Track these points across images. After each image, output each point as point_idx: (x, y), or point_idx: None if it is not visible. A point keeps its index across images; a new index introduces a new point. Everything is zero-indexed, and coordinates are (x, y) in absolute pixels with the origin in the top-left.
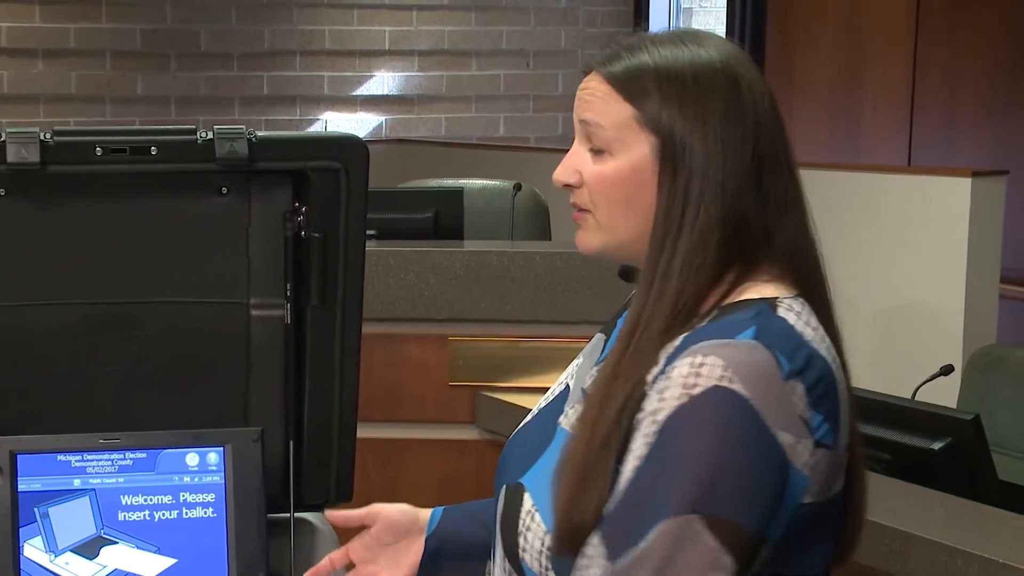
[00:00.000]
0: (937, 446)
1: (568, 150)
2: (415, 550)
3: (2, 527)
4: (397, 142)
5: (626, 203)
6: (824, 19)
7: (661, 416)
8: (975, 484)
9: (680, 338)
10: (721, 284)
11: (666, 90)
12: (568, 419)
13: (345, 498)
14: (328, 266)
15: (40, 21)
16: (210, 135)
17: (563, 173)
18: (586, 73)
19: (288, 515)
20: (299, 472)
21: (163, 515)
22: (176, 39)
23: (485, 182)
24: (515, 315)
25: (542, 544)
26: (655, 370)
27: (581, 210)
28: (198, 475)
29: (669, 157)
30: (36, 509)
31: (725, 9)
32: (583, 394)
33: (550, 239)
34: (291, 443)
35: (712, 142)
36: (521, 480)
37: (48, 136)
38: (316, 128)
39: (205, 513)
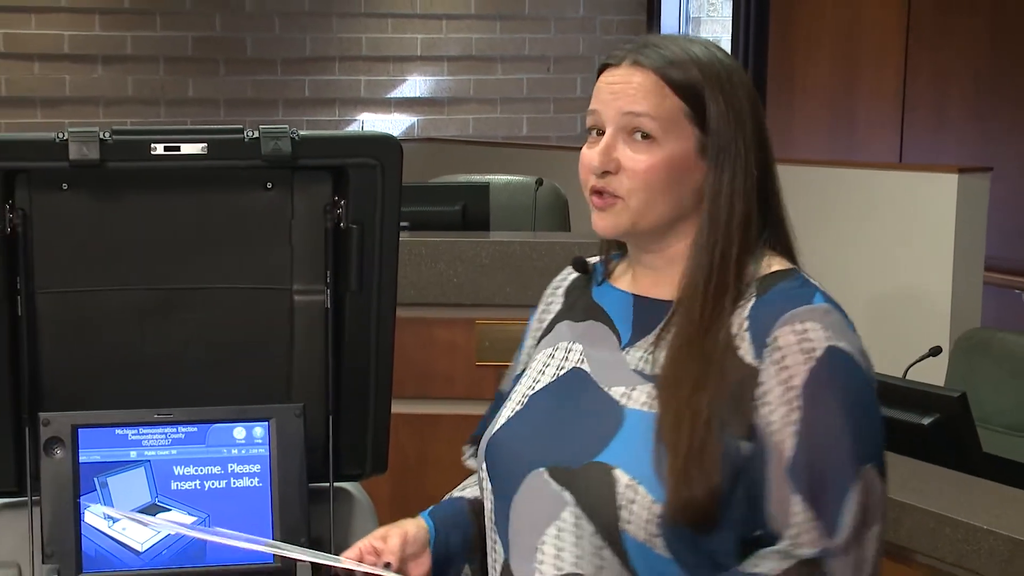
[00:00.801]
0: (927, 421)
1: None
2: (425, 561)
3: (65, 495)
4: (428, 141)
5: (663, 191)
6: (822, 27)
7: (796, 382)
8: (962, 456)
9: (748, 308)
10: (752, 260)
11: (712, 88)
12: (635, 400)
13: (380, 469)
14: (365, 255)
15: (99, 30)
16: (256, 134)
17: (603, 161)
18: (611, 66)
19: (328, 484)
20: (338, 445)
21: (212, 484)
22: (224, 46)
23: (509, 178)
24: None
25: (650, 513)
26: (742, 343)
27: (610, 195)
28: (245, 447)
29: (714, 150)
30: (96, 479)
31: (731, 18)
32: (642, 377)
33: (569, 230)
34: (330, 418)
35: (747, 138)
36: (599, 459)
37: (107, 135)
38: (353, 128)
39: (251, 483)
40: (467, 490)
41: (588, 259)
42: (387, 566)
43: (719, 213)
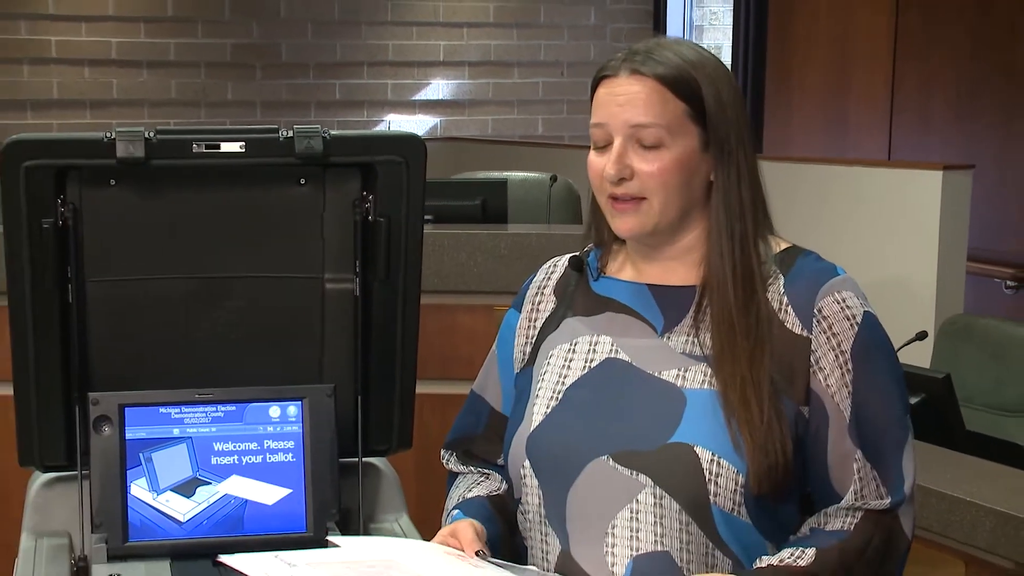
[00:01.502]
0: (913, 401)
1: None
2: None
3: (112, 469)
4: (450, 140)
5: (679, 188)
6: (817, 36)
7: (846, 346)
8: (946, 434)
9: (780, 284)
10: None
11: (706, 86)
12: (691, 381)
13: (406, 445)
14: (392, 246)
15: (144, 37)
16: (290, 134)
17: (619, 170)
18: (608, 77)
19: (356, 459)
20: (366, 422)
21: (249, 459)
22: (261, 52)
23: (526, 174)
24: None
25: (736, 484)
26: (787, 316)
27: (632, 199)
28: (279, 425)
29: (716, 144)
30: (141, 454)
31: (731, 26)
32: (692, 359)
33: (581, 223)
34: (359, 397)
35: (742, 129)
36: (675, 440)
37: (152, 135)
38: (381, 128)
39: (285, 458)
40: (474, 491)
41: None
42: (478, 554)
43: (731, 200)
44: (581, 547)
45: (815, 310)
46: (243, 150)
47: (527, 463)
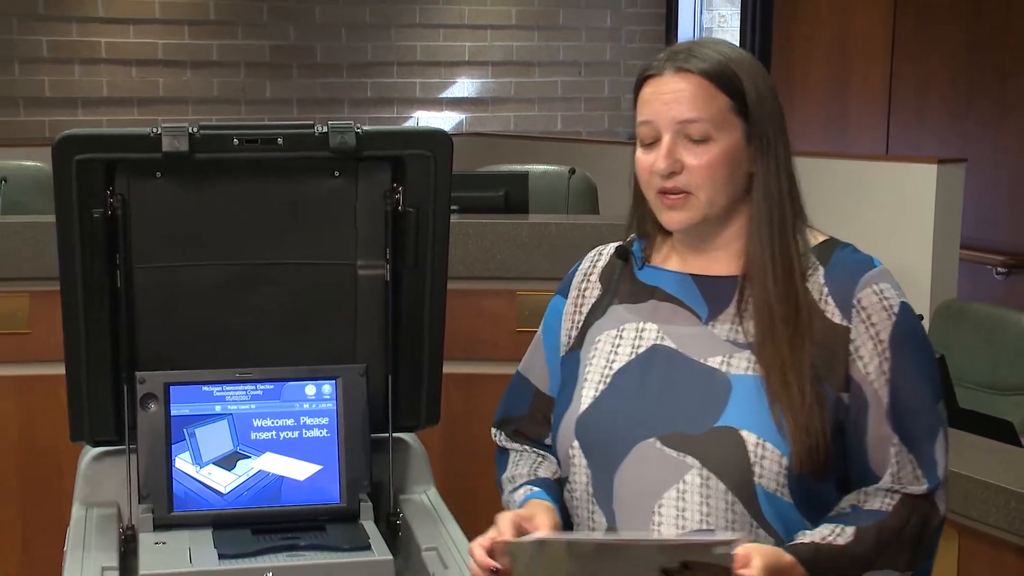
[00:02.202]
0: None
1: (611, 142)
2: None
3: (158, 444)
4: (474, 135)
5: (725, 181)
6: (818, 38)
7: (884, 336)
8: None
9: (820, 276)
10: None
11: (748, 81)
12: (735, 367)
13: (433, 421)
14: (420, 235)
15: (189, 39)
16: (325, 129)
17: (669, 164)
18: (654, 76)
19: (387, 435)
20: (396, 400)
21: (286, 435)
22: (298, 53)
23: (545, 167)
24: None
25: (779, 466)
26: (827, 306)
27: (680, 193)
28: (315, 402)
29: (757, 136)
30: (185, 430)
31: (739, 28)
32: (736, 346)
33: (598, 213)
34: (389, 377)
35: (779, 121)
36: (721, 424)
37: (195, 130)
38: (410, 124)
39: (320, 433)
40: (540, 471)
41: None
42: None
43: (771, 190)
44: (628, 525)
45: (855, 301)
46: (281, 144)
47: (576, 444)
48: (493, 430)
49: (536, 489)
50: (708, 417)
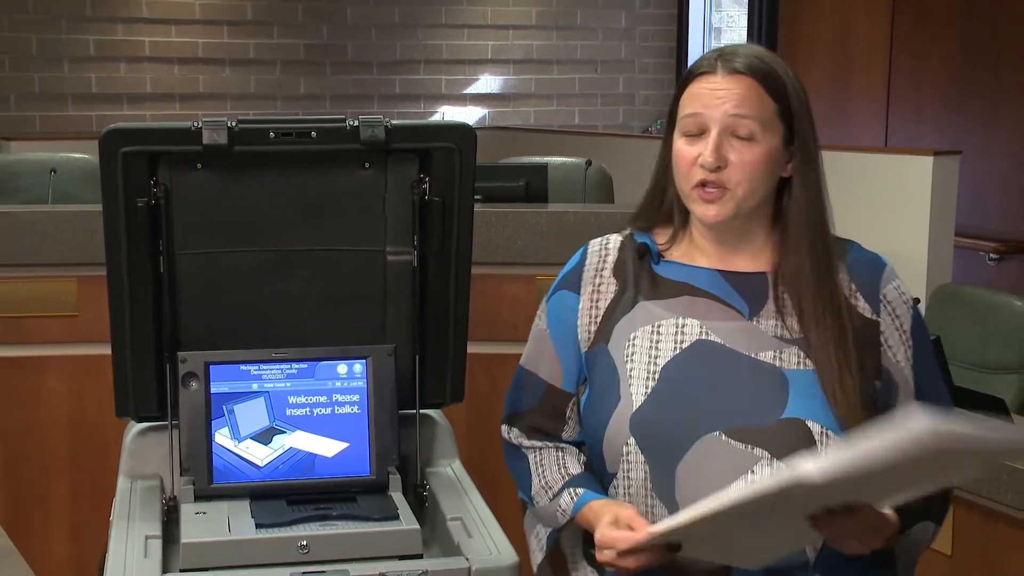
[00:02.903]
0: None
1: (625, 136)
2: None
3: (198, 420)
4: (497, 129)
5: (762, 180)
6: (821, 37)
7: (906, 327)
8: None
9: (844, 272)
10: None
11: (791, 89)
12: (787, 362)
13: (458, 398)
14: (445, 222)
15: (227, 38)
16: (356, 123)
17: (717, 158)
18: (707, 73)
19: (414, 411)
20: (423, 378)
21: (320, 411)
22: (330, 51)
23: (564, 159)
24: None
25: None
26: (858, 301)
27: (720, 187)
28: (346, 381)
29: (799, 140)
30: (224, 406)
31: (746, 28)
32: (784, 342)
33: (613, 202)
34: (417, 356)
35: (815, 130)
36: (788, 416)
37: (234, 124)
38: (436, 118)
39: (352, 410)
40: (570, 466)
41: (603, 238)
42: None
43: (812, 194)
44: None
45: (881, 295)
46: (314, 137)
47: (631, 440)
48: (504, 427)
49: (580, 491)
50: (773, 410)
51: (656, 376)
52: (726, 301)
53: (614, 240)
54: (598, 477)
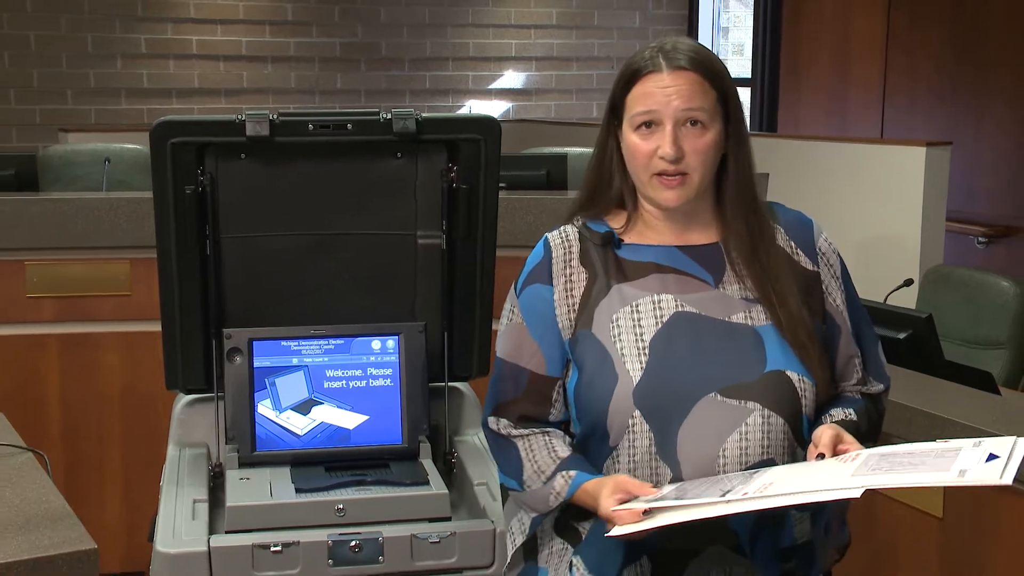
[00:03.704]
0: (902, 336)
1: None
2: None
3: (242, 392)
4: (520, 122)
5: (712, 163)
6: (822, 36)
7: (838, 273)
8: (928, 363)
9: (781, 232)
10: None
11: (726, 77)
12: (756, 320)
13: (484, 372)
14: (472, 209)
15: (269, 37)
16: (389, 116)
17: (676, 149)
18: (653, 72)
19: (443, 384)
20: (451, 353)
21: (355, 384)
22: (365, 49)
23: (582, 149)
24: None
25: (813, 395)
26: (799, 256)
27: (678, 174)
28: (380, 356)
29: (734, 126)
30: (266, 379)
31: (752, 27)
32: (748, 302)
33: None
34: (445, 333)
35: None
36: (771, 369)
37: (275, 117)
38: (463, 112)
39: (384, 383)
40: (558, 449)
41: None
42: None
43: (747, 170)
44: (695, 473)
45: (816, 248)
46: (350, 129)
47: (636, 413)
48: (490, 419)
49: (574, 472)
50: (757, 365)
51: (646, 351)
52: (691, 273)
53: (571, 231)
54: (592, 453)
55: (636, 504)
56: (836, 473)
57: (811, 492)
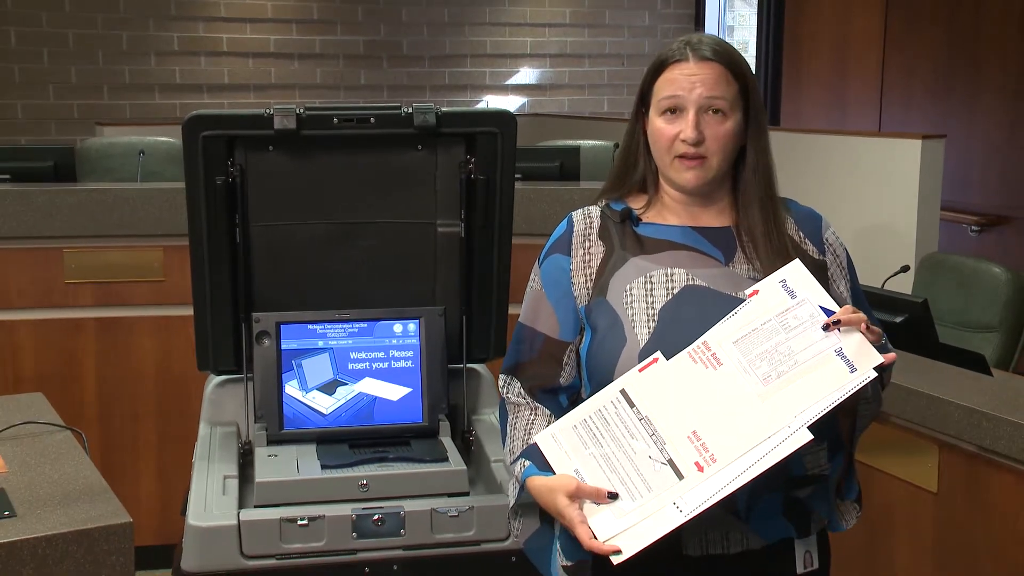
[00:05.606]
0: (899, 319)
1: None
2: None
3: (270, 373)
4: (535, 116)
5: (732, 149)
6: (822, 34)
7: (843, 263)
8: (924, 345)
9: (792, 223)
10: None
11: (748, 71)
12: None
13: (500, 354)
14: (489, 199)
15: (296, 35)
16: (410, 110)
17: (698, 134)
18: (680, 61)
19: (462, 366)
20: (469, 336)
21: (378, 365)
22: (387, 47)
23: (594, 142)
24: None
25: None
26: (807, 246)
27: (698, 158)
28: (401, 339)
29: (754, 119)
30: (293, 361)
31: (756, 26)
32: (755, 281)
33: None
34: (464, 317)
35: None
36: None
37: (302, 111)
38: (480, 106)
39: (406, 364)
40: (532, 433)
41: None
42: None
43: (765, 160)
44: None
45: (823, 239)
46: (373, 123)
47: None
48: (502, 377)
49: (527, 463)
50: None
51: (655, 318)
52: (704, 251)
53: (594, 210)
54: None
55: (602, 524)
56: (758, 411)
57: (756, 462)
